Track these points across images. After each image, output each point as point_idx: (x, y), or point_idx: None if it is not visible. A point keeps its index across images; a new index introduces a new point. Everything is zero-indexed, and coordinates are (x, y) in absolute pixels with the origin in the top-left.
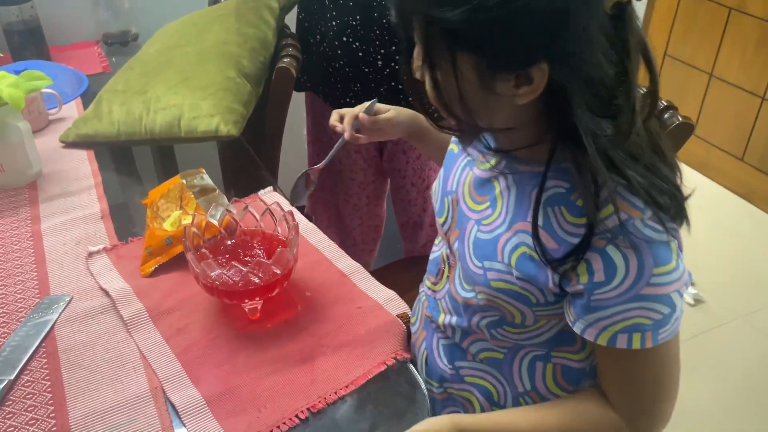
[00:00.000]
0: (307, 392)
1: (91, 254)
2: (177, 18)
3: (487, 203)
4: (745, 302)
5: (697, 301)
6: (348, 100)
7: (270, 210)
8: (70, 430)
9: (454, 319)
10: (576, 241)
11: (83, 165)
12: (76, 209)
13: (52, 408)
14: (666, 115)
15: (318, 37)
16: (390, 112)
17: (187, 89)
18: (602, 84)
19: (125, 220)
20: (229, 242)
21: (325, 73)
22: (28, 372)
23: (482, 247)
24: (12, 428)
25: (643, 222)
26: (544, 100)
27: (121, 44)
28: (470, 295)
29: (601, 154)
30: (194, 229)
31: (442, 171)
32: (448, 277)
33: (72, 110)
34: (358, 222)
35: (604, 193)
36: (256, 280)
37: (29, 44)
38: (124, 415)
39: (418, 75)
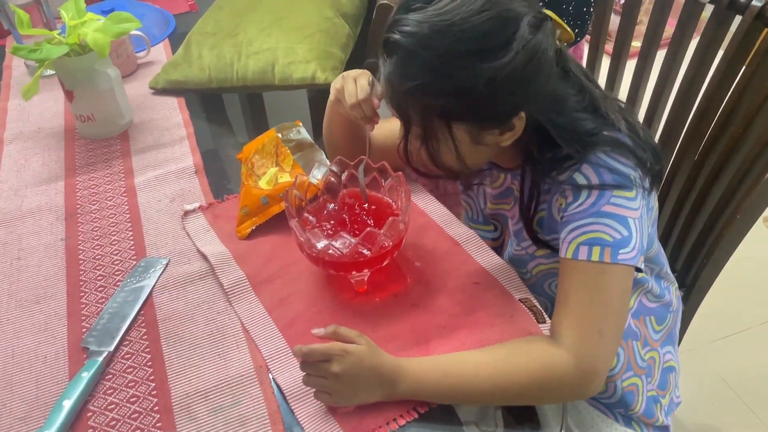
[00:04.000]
0: None
1: (186, 213)
2: None
3: (512, 203)
4: None
5: None
6: None
7: (378, 171)
8: (173, 409)
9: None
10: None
11: (174, 113)
12: (168, 162)
13: (154, 385)
14: None
15: None
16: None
17: (281, 31)
18: (569, 102)
19: (219, 175)
20: (331, 205)
21: None
22: (127, 342)
23: (518, 233)
24: (113, 405)
25: (606, 153)
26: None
27: None
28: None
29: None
30: (296, 191)
31: (468, 203)
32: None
33: (160, 53)
34: None
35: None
36: (366, 252)
37: None
38: (228, 396)
39: (408, 149)
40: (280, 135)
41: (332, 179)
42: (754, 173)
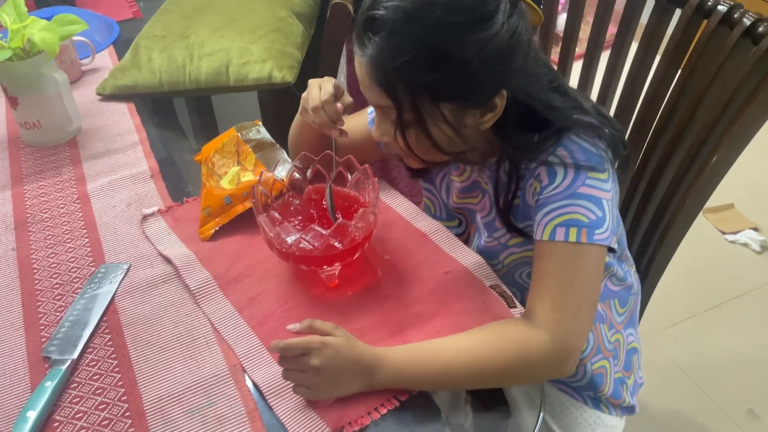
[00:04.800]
0: None
1: (145, 217)
2: None
3: (480, 195)
4: None
5: (765, 248)
6: None
7: (344, 165)
8: (146, 414)
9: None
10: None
11: (124, 119)
12: (122, 168)
13: (123, 390)
14: None
15: None
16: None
17: (235, 32)
18: (543, 81)
19: (176, 178)
20: (296, 201)
21: None
22: (91, 350)
23: (490, 225)
24: (81, 414)
25: (578, 136)
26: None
27: None
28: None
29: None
30: (262, 188)
31: (431, 200)
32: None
33: (105, 60)
34: (404, 173)
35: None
36: (337, 244)
37: None
38: (203, 396)
39: (386, 138)
40: (240, 134)
41: (297, 176)
42: (701, 159)
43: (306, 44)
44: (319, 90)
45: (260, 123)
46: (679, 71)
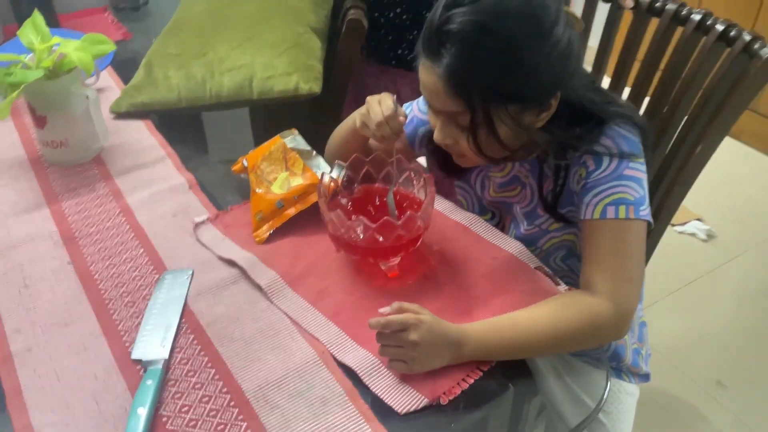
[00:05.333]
0: None
1: (197, 225)
2: None
3: (519, 188)
4: (753, 233)
5: (710, 236)
6: (399, 52)
7: (392, 163)
8: (250, 402)
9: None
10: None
11: (145, 135)
12: (157, 181)
13: (221, 383)
14: (756, 46)
15: None
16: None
17: (255, 48)
18: (586, 81)
19: (214, 189)
20: (344, 200)
21: (373, 24)
22: (178, 349)
23: (530, 214)
24: (186, 407)
25: (618, 125)
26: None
27: (132, 9)
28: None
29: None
30: (323, 189)
31: (464, 197)
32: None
33: (107, 80)
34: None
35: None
36: (403, 233)
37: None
38: (300, 382)
39: (449, 140)
40: (286, 140)
41: (345, 178)
42: (685, 150)
43: (323, 58)
44: (379, 106)
45: (296, 131)
46: (659, 74)
